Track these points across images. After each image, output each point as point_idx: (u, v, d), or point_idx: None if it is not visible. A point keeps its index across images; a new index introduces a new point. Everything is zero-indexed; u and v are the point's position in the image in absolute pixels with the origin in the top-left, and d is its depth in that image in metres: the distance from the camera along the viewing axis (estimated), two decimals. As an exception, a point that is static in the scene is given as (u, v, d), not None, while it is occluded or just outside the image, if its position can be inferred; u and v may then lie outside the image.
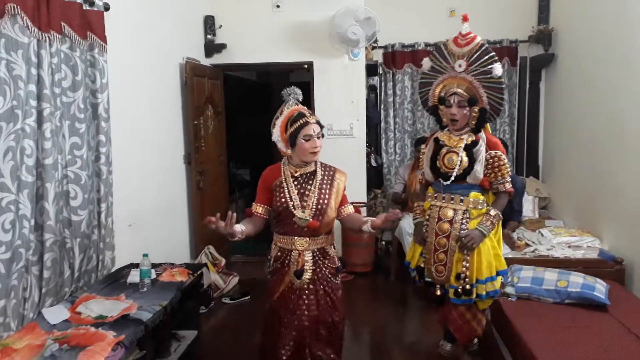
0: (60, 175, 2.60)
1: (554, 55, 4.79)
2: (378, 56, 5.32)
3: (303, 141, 2.26)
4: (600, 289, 2.98)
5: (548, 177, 5.09)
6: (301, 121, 2.26)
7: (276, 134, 2.35)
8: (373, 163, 5.33)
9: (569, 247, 3.72)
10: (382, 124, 5.44)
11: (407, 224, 4.50)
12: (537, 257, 3.60)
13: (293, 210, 2.28)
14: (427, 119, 5.35)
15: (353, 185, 4.99)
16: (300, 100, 2.41)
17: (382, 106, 5.42)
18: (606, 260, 3.51)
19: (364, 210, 5.13)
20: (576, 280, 3.04)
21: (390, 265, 4.87)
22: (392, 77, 5.32)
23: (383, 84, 5.40)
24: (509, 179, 2.68)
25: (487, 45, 2.67)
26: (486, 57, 2.63)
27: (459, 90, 2.63)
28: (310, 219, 2.28)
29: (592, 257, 3.60)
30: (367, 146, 5.18)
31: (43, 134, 2.44)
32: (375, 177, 5.36)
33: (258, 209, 2.40)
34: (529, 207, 4.72)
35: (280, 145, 2.35)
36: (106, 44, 2.92)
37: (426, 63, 2.83)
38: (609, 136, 3.74)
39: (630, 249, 3.46)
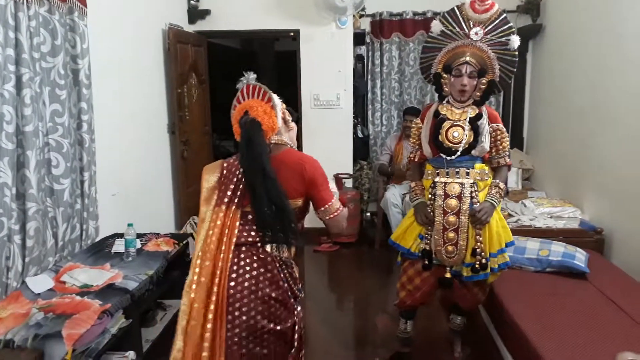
0: (42, 142, 2.55)
1: (541, 26, 4.77)
2: (365, 25, 5.24)
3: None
4: (580, 257, 3.04)
5: (532, 149, 5.13)
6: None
7: (278, 102, 1.91)
8: (359, 134, 5.31)
9: (551, 217, 3.78)
10: (369, 94, 5.38)
11: (391, 194, 4.53)
12: (519, 227, 3.64)
13: None
14: (415, 90, 5.32)
15: (339, 156, 5.04)
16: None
17: (369, 76, 5.37)
18: (586, 230, 3.57)
19: (349, 181, 5.15)
20: (557, 250, 3.10)
21: (375, 236, 4.91)
22: (380, 46, 5.25)
23: (370, 53, 5.33)
24: (508, 152, 2.61)
25: (505, 14, 2.53)
26: (505, 27, 2.49)
27: (472, 60, 2.47)
28: None
29: (573, 227, 3.65)
30: (353, 117, 5.15)
31: (22, 100, 2.37)
32: (362, 148, 5.35)
33: None
34: (512, 179, 4.76)
35: (280, 117, 1.89)
36: (86, 7, 2.84)
37: (436, 26, 2.58)
38: (592, 109, 3.76)
39: (609, 219, 3.53)
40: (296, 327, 1.84)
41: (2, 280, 2.34)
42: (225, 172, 1.85)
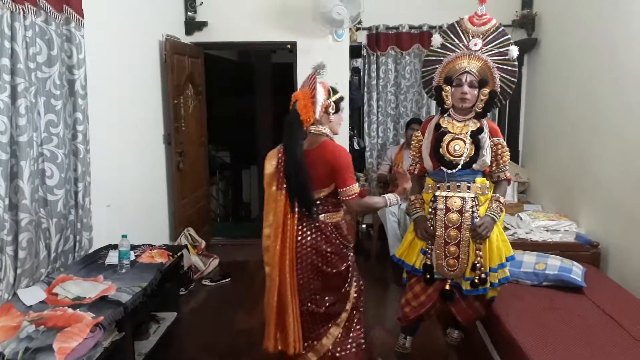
0: (36, 153, 2.52)
1: (536, 40, 4.80)
2: (362, 38, 5.27)
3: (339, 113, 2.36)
4: (576, 271, 3.04)
5: (527, 162, 5.14)
6: (340, 94, 2.34)
7: (321, 96, 2.22)
8: (356, 146, 5.31)
9: (547, 230, 3.78)
10: (365, 107, 5.40)
11: (389, 205, 4.52)
12: (516, 240, 3.64)
13: None
14: (411, 103, 5.34)
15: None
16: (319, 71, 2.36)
17: (365, 89, 5.39)
18: (583, 243, 3.57)
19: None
20: (554, 263, 3.10)
21: (371, 248, 4.89)
22: (376, 59, 5.28)
23: (367, 66, 5.36)
24: (509, 166, 2.63)
25: (503, 27, 2.60)
26: (503, 39, 2.56)
27: (472, 70, 2.52)
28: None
29: (569, 240, 3.65)
30: (349, 129, 5.15)
31: (17, 110, 2.35)
32: (358, 160, 5.34)
33: None
34: (508, 192, 4.76)
35: (318, 110, 2.21)
36: (83, 18, 2.83)
37: (436, 39, 2.66)
38: (588, 122, 3.78)
39: (605, 233, 3.53)
40: (350, 267, 2.42)
41: (-7, 292, 2.31)
42: (280, 160, 2.30)
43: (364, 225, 5.39)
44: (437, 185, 2.60)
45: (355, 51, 5.16)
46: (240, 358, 3.05)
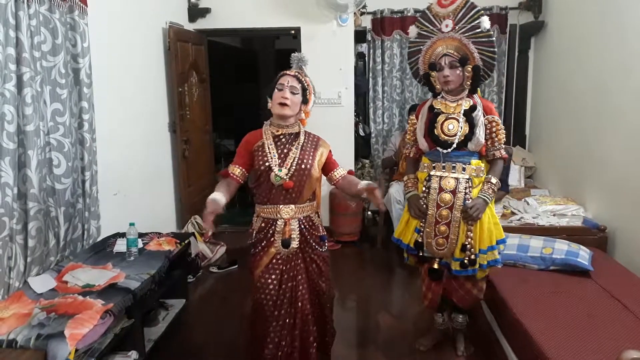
0: (43, 142, 2.54)
1: (543, 23, 4.75)
2: (367, 22, 5.22)
3: (276, 90, 2.25)
4: (583, 255, 3.03)
5: (534, 146, 5.12)
6: (281, 72, 2.30)
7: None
8: (361, 132, 5.29)
9: (554, 215, 3.77)
10: (371, 92, 5.36)
11: (395, 190, 4.52)
12: (523, 225, 3.63)
13: (274, 168, 2.21)
14: (416, 88, 5.30)
15: (341, 154, 4.91)
16: (303, 66, 2.39)
17: (370, 74, 5.35)
18: (590, 227, 3.56)
19: (351, 179, 5.12)
20: (561, 248, 3.09)
21: (376, 234, 4.90)
22: (381, 44, 5.24)
23: (371, 51, 5.31)
24: (504, 145, 2.62)
25: (471, 1, 2.56)
26: (472, 13, 2.53)
27: (449, 51, 2.52)
28: (287, 179, 2.20)
29: (576, 224, 3.64)
30: (355, 115, 5.13)
31: (24, 100, 2.36)
32: (363, 146, 5.33)
33: (235, 170, 2.29)
34: (515, 177, 4.75)
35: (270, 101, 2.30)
36: (86, 6, 2.83)
37: (412, 30, 2.69)
38: (595, 106, 3.75)
39: (613, 217, 3.52)
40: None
41: (5, 280, 2.34)
42: None
43: (369, 212, 5.40)
44: (433, 165, 2.63)
45: (359, 36, 5.12)
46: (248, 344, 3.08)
